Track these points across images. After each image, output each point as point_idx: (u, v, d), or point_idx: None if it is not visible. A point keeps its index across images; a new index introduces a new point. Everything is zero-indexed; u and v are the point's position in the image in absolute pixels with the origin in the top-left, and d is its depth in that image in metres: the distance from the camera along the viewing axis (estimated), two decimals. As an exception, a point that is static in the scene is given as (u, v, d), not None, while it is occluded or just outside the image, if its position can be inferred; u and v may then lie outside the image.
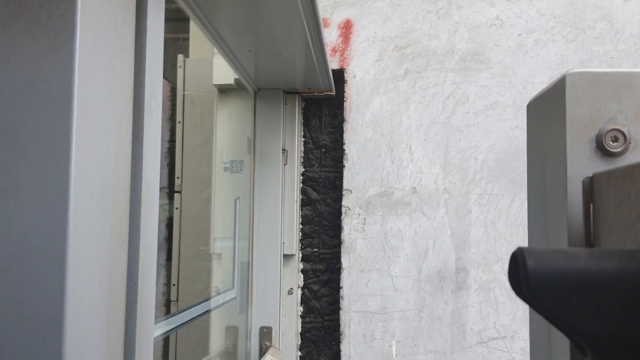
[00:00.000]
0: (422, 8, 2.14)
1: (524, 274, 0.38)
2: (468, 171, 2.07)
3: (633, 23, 2.08)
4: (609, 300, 0.38)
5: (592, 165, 0.53)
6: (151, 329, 0.78)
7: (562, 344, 0.55)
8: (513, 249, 2.14)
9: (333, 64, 2.14)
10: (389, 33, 2.15)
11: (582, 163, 0.54)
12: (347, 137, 2.13)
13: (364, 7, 2.16)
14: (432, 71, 2.12)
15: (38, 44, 0.62)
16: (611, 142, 0.52)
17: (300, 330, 2.12)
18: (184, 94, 2.27)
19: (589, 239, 0.53)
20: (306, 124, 2.17)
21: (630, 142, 0.52)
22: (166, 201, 2.30)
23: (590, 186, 0.52)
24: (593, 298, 0.38)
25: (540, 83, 2.07)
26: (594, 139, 0.53)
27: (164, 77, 0.84)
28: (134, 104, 0.75)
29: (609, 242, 0.49)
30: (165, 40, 0.86)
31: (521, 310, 2.00)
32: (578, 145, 0.54)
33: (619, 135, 0.52)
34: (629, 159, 0.52)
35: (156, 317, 0.86)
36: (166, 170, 2.32)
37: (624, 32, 2.08)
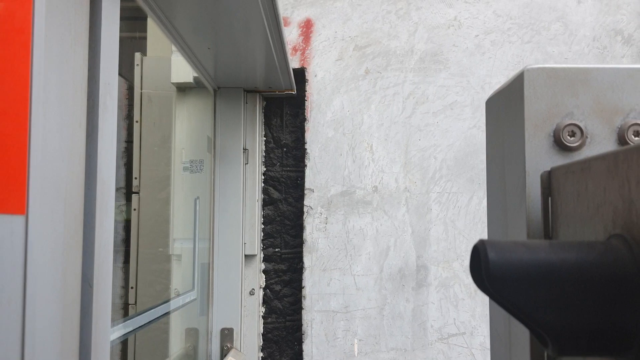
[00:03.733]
0: (381, 8, 2.16)
1: (485, 266, 0.38)
2: (428, 170, 2.09)
3: (586, 25, 2.14)
4: (568, 291, 0.38)
5: (550, 160, 0.54)
6: (107, 332, 0.76)
7: (522, 337, 0.56)
8: (472, 246, 2.16)
9: (294, 63, 2.14)
10: (349, 33, 2.15)
11: (540, 158, 0.54)
12: (309, 136, 2.12)
13: (324, 6, 2.16)
14: (392, 71, 2.13)
15: (-15, 36, 0.59)
16: (568, 137, 0.53)
17: (262, 331, 2.10)
18: (141, 93, 2.22)
19: (547, 232, 0.53)
20: (267, 123, 2.16)
21: (587, 137, 0.53)
22: (124, 202, 2.25)
23: (549, 180, 0.53)
24: (553, 289, 0.38)
25: (497, 83, 2.11)
26: (552, 134, 0.54)
27: (120, 75, 0.82)
28: (88, 99, 0.73)
29: (567, 234, 0.50)
30: (123, 38, 0.84)
31: (480, 306, 2.04)
32: (536, 140, 0.54)
33: (576, 130, 0.53)
34: (585, 153, 0.53)
35: (113, 320, 0.83)
36: (123, 171, 2.27)
37: (577, 33, 2.14)
